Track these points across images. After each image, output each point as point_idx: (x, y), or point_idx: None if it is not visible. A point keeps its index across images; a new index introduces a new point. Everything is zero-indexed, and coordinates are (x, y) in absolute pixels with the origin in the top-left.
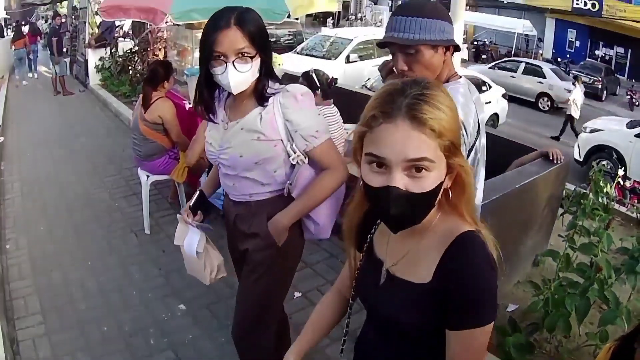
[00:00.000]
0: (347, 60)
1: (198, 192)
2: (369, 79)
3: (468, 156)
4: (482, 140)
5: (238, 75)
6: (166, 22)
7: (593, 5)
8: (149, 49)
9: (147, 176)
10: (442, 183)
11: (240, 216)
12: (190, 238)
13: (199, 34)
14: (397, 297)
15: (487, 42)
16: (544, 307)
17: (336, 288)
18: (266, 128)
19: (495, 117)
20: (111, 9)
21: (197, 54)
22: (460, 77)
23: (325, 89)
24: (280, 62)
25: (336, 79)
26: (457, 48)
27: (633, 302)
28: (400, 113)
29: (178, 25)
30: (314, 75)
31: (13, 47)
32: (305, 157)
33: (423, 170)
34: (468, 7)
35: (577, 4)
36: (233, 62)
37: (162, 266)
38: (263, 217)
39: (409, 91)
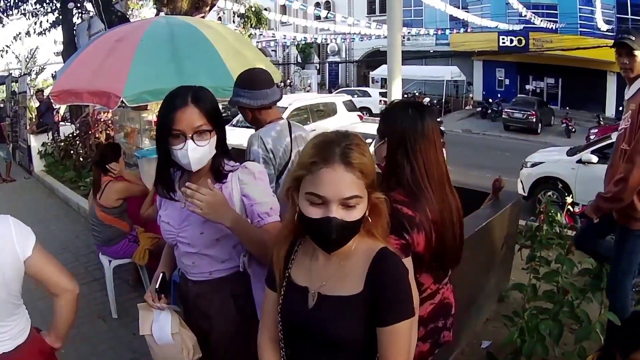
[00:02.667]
0: None
1: (161, 274)
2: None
3: (281, 175)
4: None
5: (197, 151)
6: (120, 106)
7: (519, 41)
8: (90, 132)
9: (110, 261)
10: (365, 213)
11: (201, 295)
12: (160, 322)
13: (145, 115)
14: (330, 314)
15: (416, 93)
16: (519, 336)
17: (267, 335)
18: None
19: None
20: (63, 94)
21: (144, 136)
22: (281, 119)
23: None
24: None
25: None
26: (269, 106)
27: (603, 317)
28: (335, 159)
29: (123, 107)
30: None
31: None
32: None
33: (354, 204)
34: None
35: (503, 43)
36: (192, 136)
37: (135, 349)
38: (224, 294)
39: (341, 142)
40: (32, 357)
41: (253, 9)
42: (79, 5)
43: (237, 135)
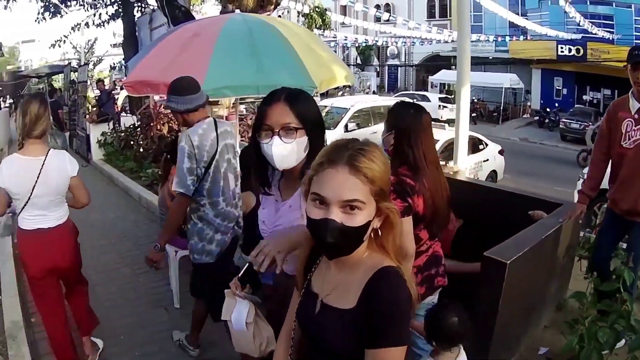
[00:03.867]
0: (346, 129)
1: (247, 265)
2: None
3: (209, 166)
4: (226, 155)
5: (282, 147)
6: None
7: (577, 50)
8: (151, 124)
9: (176, 252)
10: (370, 222)
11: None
12: (238, 310)
13: (216, 109)
14: (329, 323)
15: (475, 100)
16: (578, 342)
17: (287, 328)
18: None
19: (493, 173)
20: (137, 85)
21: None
22: (207, 118)
23: None
24: None
25: None
26: (194, 109)
27: None
28: (341, 161)
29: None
30: None
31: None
32: None
33: (356, 209)
34: (454, 67)
35: (562, 52)
36: (279, 132)
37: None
38: None
39: (351, 145)
40: (66, 230)
41: (318, 9)
42: None
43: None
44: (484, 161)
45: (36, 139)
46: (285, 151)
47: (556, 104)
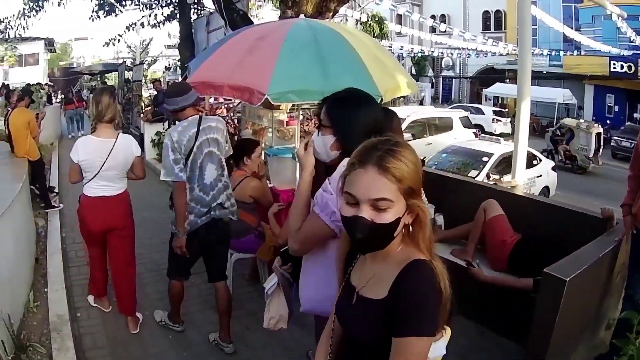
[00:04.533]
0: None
1: None
2: (424, 157)
3: (188, 157)
4: (205, 149)
5: (316, 140)
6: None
7: (629, 67)
8: None
9: (231, 254)
10: (399, 218)
11: None
12: (268, 281)
13: (277, 114)
14: (362, 314)
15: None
16: None
17: (328, 323)
18: None
19: (546, 189)
20: (200, 85)
21: (273, 134)
22: (192, 116)
23: None
24: None
25: (423, 158)
26: (180, 109)
27: None
28: (371, 161)
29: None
30: None
31: (64, 109)
32: None
33: (384, 207)
34: (508, 80)
35: (614, 68)
36: (318, 127)
37: (247, 342)
38: None
39: (381, 146)
40: (124, 198)
41: (376, 18)
42: (196, 1)
43: None
44: (538, 177)
45: (107, 123)
46: (316, 142)
47: (608, 121)
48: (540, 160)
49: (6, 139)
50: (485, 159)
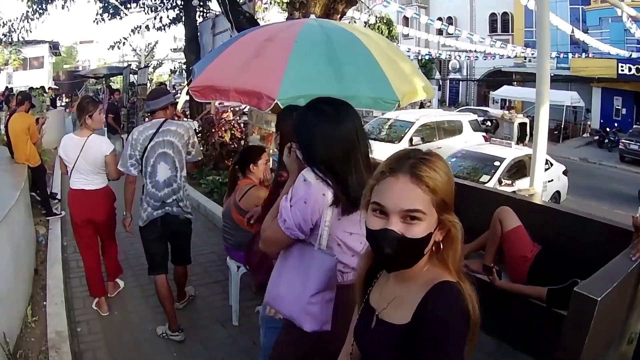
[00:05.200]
0: (410, 143)
1: None
2: None
3: (143, 155)
4: (159, 150)
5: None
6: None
7: (637, 70)
8: (213, 130)
9: (238, 267)
10: (431, 234)
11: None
12: None
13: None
14: (381, 339)
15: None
16: None
17: (346, 345)
18: None
19: (557, 194)
20: (205, 90)
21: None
22: (158, 119)
23: None
24: None
25: None
26: (152, 111)
27: None
28: (403, 170)
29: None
30: None
31: (70, 111)
32: None
33: (416, 219)
34: (515, 83)
35: (622, 71)
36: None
37: (253, 358)
38: None
39: (413, 155)
40: (103, 194)
41: (385, 20)
42: (202, 3)
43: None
44: (549, 181)
45: (85, 124)
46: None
47: (615, 124)
48: (552, 164)
49: (6, 145)
50: (497, 163)
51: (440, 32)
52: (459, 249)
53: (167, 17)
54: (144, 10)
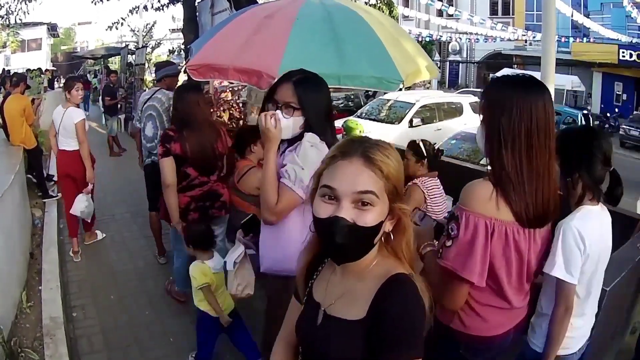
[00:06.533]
0: (410, 124)
1: (251, 215)
2: (435, 143)
3: (143, 116)
4: (147, 112)
5: (282, 119)
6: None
7: (639, 56)
8: (212, 110)
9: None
10: (382, 222)
11: None
12: (232, 252)
13: None
14: (333, 335)
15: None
16: None
17: (282, 337)
18: None
19: None
20: (202, 68)
21: None
22: (157, 88)
23: (431, 159)
24: (361, 129)
25: (443, 150)
26: (159, 79)
27: None
28: (356, 153)
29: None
30: (421, 144)
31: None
32: None
33: (368, 204)
34: (516, 66)
35: (623, 56)
36: (281, 106)
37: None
38: None
39: (366, 141)
40: (77, 154)
41: (385, 1)
42: None
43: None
44: None
45: (67, 99)
46: (285, 123)
47: (616, 109)
48: None
49: (1, 127)
50: None
51: (440, 13)
52: (411, 239)
53: None
54: None
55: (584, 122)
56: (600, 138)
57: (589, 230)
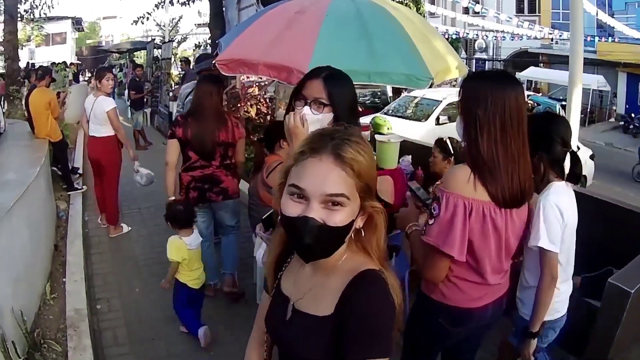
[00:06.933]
0: (437, 122)
1: (271, 211)
2: (461, 141)
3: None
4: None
5: (310, 117)
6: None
7: None
8: (239, 105)
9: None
10: (353, 221)
11: None
12: (258, 247)
13: None
14: (301, 331)
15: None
16: None
17: (255, 335)
18: None
19: (583, 179)
20: (232, 63)
21: None
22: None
23: (458, 156)
24: (389, 126)
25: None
26: (199, 72)
27: None
28: (326, 150)
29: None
30: (448, 142)
31: (92, 85)
32: None
33: (339, 205)
34: (542, 64)
35: None
36: (310, 103)
37: None
38: None
39: (337, 134)
40: (106, 142)
41: None
42: None
43: (396, 125)
44: None
45: (98, 89)
46: (313, 119)
47: None
48: (579, 148)
49: (26, 120)
50: None
51: (466, 10)
52: (382, 236)
53: None
54: None
55: (562, 113)
56: (558, 123)
57: (562, 203)
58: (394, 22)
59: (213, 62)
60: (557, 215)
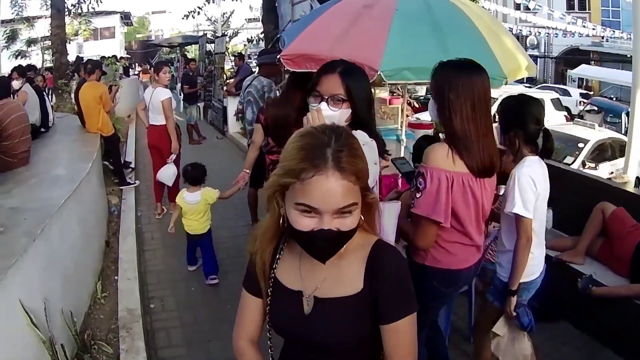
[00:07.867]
0: (495, 120)
1: None
2: None
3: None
4: (247, 98)
5: (327, 112)
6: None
7: None
8: None
9: None
10: (360, 217)
11: None
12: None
13: (378, 92)
14: (332, 316)
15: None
16: None
17: (241, 337)
18: None
19: (638, 181)
20: (298, 58)
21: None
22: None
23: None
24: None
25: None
26: (258, 66)
27: None
28: (327, 164)
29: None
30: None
31: (141, 77)
32: None
33: (349, 212)
34: (593, 62)
35: None
36: (327, 99)
37: None
38: None
39: (332, 143)
40: (163, 128)
41: None
42: None
43: None
44: None
45: (156, 82)
46: (329, 114)
47: None
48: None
49: (76, 114)
50: (580, 145)
51: (518, 6)
52: (377, 215)
53: None
54: None
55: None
56: (531, 104)
57: (535, 174)
58: (465, 18)
59: (278, 56)
60: (530, 185)
